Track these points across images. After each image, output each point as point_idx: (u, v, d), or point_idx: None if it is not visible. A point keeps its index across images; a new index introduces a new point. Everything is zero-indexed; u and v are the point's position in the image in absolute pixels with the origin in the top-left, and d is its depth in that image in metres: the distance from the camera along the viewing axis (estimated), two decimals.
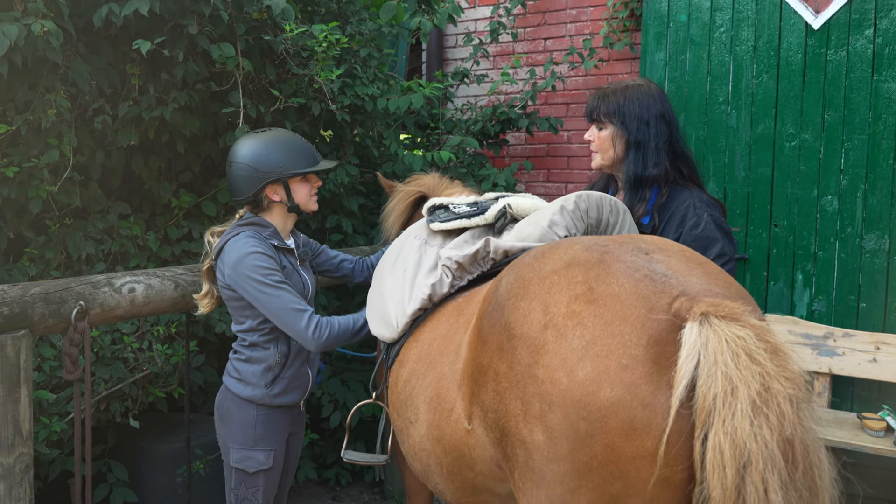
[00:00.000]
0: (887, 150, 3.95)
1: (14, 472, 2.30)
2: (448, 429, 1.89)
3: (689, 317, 1.43)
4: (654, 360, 1.43)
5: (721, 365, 1.35)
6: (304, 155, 2.58)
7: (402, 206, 3.01)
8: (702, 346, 1.38)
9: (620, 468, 1.43)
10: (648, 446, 1.40)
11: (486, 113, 5.04)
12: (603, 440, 1.44)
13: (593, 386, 1.45)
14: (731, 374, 1.35)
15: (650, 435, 1.40)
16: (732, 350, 1.36)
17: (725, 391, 1.34)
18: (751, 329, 1.40)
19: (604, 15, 5.07)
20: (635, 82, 2.60)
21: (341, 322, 2.52)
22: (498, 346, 1.67)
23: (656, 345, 1.44)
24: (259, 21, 3.41)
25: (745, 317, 1.43)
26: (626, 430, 1.42)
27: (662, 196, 2.47)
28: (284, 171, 2.52)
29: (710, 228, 2.35)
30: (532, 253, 1.81)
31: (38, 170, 3.05)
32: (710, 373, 1.36)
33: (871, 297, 4.02)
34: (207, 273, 2.63)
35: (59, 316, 2.44)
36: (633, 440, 1.42)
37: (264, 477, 2.56)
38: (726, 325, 1.39)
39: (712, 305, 1.43)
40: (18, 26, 2.66)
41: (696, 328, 1.40)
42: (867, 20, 3.99)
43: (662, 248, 1.67)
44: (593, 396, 1.45)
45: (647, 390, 1.42)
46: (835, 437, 3.61)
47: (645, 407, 1.41)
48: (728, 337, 1.38)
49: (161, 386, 3.51)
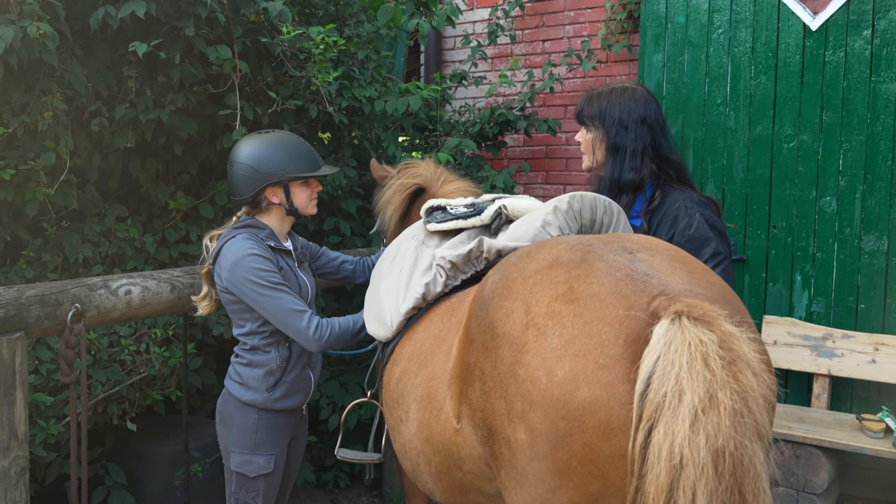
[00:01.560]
0: (885, 150, 3.95)
1: (10, 475, 2.30)
2: (437, 427, 1.89)
3: (663, 315, 1.44)
4: (632, 360, 1.43)
5: (676, 366, 1.36)
6: (307, 159, 2.57)
7: (399, 199, 2.97)
8: (665, 343, 1.39)
9: (599, 467, 1.44)
10: (626, 445, 1.41)
11: (484, 115, 5.04)
12: (581, 439, 1.44)
13: (571, 385, 1.45)
14: (682, 377, 1.35)
15: (627, 434, 1.40)
16: (690, 353, 1.37)
17: (674, 392, 1.35)
18: (717, 335, 1.40)
19: (602, 17, 5.07)
20: (623, 85, 2.59)
21: (341, 322, 2.52)
22: (483, 345, 1.68)
23: (634, 344, 1.45)
24: (256, 23, 3.41)
25: (718, 321, 1.42)
26: (603, 429, 1.43)
27: (654, 200, 2.46)
28: (285, 174, 2.51)
29: (702, 228, 2.34)
30: (518, 252, 1.81)
31: (34, 172, 3.05)
32: (666, 371, 1.36)
33: (869, 298, 4.01)
34: (206, 276, 2.63)
35: (55, 318, 2.44)
36: (611, 439, 1.42)
37: (265, 481, 2.56)
38: (694, 328, 1.39)
39: (688, 306, 1.43)
40: (14, 28, 2.66)
41: (666, 325, 1.41)
42: (865, 21, 3.99)
43: (647, 248, 1.67)
44: (571, 396, 1.45)
45: (624, 390, 1.42)
46: (834, 438, 3.60)
47: (622, 406, 1.42)
48: (692, 339, 1.38)
49: (158, 388, 3.51)
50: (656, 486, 1.33)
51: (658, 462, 1.33)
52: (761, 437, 1.38)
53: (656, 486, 1.33)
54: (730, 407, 1.34)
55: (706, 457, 1.32)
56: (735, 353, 1.40)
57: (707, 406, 1.34)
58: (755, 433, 1.37)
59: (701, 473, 1.31)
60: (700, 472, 1.31)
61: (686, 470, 1.31)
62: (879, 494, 4.05)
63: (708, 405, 1.34)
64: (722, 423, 1.33)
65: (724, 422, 1.33)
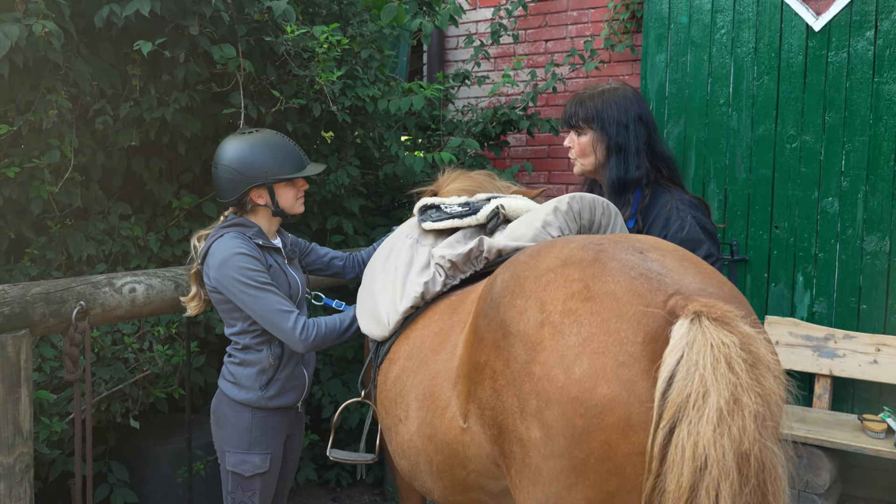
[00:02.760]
0: (888, 151, 3.95)
1: (14, 472, 2.30)
2: (442, 426, 1.89)
3: (682, 314, 1.44)
4: (651, 358, 1.44)
5: (700, 367, 1.37)
6: (291, 159, 2.54)
7: None
8: (687, 344, 1.39)
9: (617, 465, 1.44)
10: (645, 443, 1.41)
11: (486, 114, 5.04)
12: (600, 437, 1.44)
13: (590, 383, 1.45)
14: (706, 379, 1.36)
15: (647, 432, 1.41)
16: (714, 355, 1.38)
17: (698, 393, 1.36)
18: (738, 336, 1.41)
19: (605, 17, 5.07)
20: (611, 86, 2.60)
21: (328, 322, 2.50)
22: (494, 343, 1.67)
23: (652, 342, 1.45)
24: (260, 22, 3.41)
25: (736, 322, 1.44)
26: (622, 426, 1.43)
27: (645, 198, 2.48)
28: (269, 177, 2.49)
29: (694, 231, 2.38)
30: (528, 251, 1.81)
31: (39, 170, 3.06)
32: (689, 372, 1.37)
33: (871, 298, 4.02)
34: (195, 276, 2.62)
35: (60, 316, 2.44)
36: (630, 437, 1.42)
37: (261, 480, 2.55)
38: (715, 329, 1.40)
39: (706, 306, 1.44)
40: (20, 27, 2.66)
41: (686, 325, 1.42)
42: (868, 22, 3.99)
43: (657, 248, 1.68)
44: (590, 393, 1.45)
45: (643, 387, 1.42)
46: (835, 438, 3.61)
47: (641, 403, 1.42)
48: (714, 341, 1.39)
49: (162, 386, 3.51)
50: (677, 486, 1.34)
51: (681, 462, 1.34)
52: (780, 438, 1.41)
53: (677, 485, 1.34)
54: (754, 410, 1.36)
55: (731, 459, 1.33)
56: (755, 356, 1.41)
57: (733, 409, 1.35)
58: (776, 435, 1.39)
59: (726, 475, 1.32)
60: (725, 473, 1.32)
61: (710, 471, 1.32)
62: (881, 495, 4.05)
63: (734, 408, 1.35)
64: (747, 426, 1.34)
65: (750, 425, 1.35)
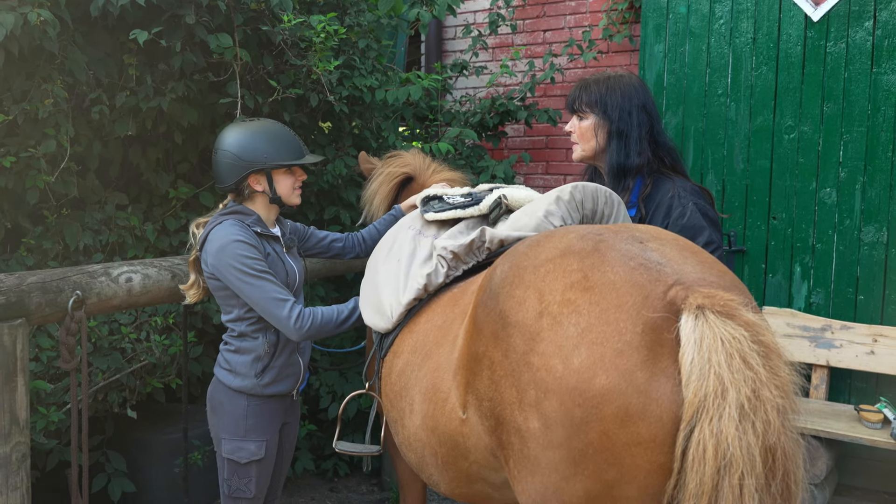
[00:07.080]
0: (886, 142, 3.95)
1: (11, 462, 2.30)
2: (443, 418, 1.89)
3: (684, 307, 1.44)
4: (650, 348, 1.43)
5: (714, 365, 1.36)
6: (290, 147, 2.57)
7: (387, 188, 2.98)
8: (696, 342, 1.39)
9: (615, 455, 1.44)
10: (643, 433, 1.41)
11: (484, 105, 5.03)
12: (598, 427, 1.44)
13: (589, 373, 1.45)
14: (723, 376, 1.35)
15: (645, 422, 1.40)
16: (727, 351, 1.37)
17: (716, 391, 1.35)
18: (746, 328, 1.40)
19: (603, 7, 5.06)
20: (617, 73, 2.60)
21: (325, 312, 2.51)
22: (493, 334, 1.67)
23: (651, 332, 1.44)
24: (257, 11, 3.40)
25: (741, 311, 1.43)
26: (621, 417, 1.42)
27: (647, 187, 2.47)
28: (268, 162, 2.51)
29: (695, 217, 2.36)
30: (526, 242, 1.80)
31: (35, 160, 3.04)
32: (703, 371, 1.36)
33: (869, 289, 4.02)
34: (194, 263, 2.63)
35: (56, 305, 2.44)
36: (629, 427, 1.42)
37: (256, 467, 2.56)
38: (722, 323, 1.40)
39: (708, 297, 1.43)
40: (15, 15, 2.65)
41: (692, 322, 1.41)
42: (867, 12, 3.98)
43: (656, 237, 1.67)
44: (589, 383, 1.45)
45: (642, 377, 1.42)
46: (832, 429, 3.61)
47: (640, 394, 1.41)
48: (724, 336, 1.38)
49: (159, 376, 3.51)
50: (699, 484, 1.33)
51: (703, 460, 1.33)
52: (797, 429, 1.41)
53: (699, 483, 1.33)
54: (777, 404, 1.36)
55: (757, 455, 1.32)
56: (766, 346, 1.40)
57: (755, 405, 1.34)
58: (795, 426, 1.39)
59: (751, 470, 1.32)
60: (750, 469, 1.32)
61: (734, 468, 1.32)
62: (877, 484, 4.07)
63: (756, 403, 1.34)
64: (772, 420, 1.34)
65: (774, 419, 1.35)
